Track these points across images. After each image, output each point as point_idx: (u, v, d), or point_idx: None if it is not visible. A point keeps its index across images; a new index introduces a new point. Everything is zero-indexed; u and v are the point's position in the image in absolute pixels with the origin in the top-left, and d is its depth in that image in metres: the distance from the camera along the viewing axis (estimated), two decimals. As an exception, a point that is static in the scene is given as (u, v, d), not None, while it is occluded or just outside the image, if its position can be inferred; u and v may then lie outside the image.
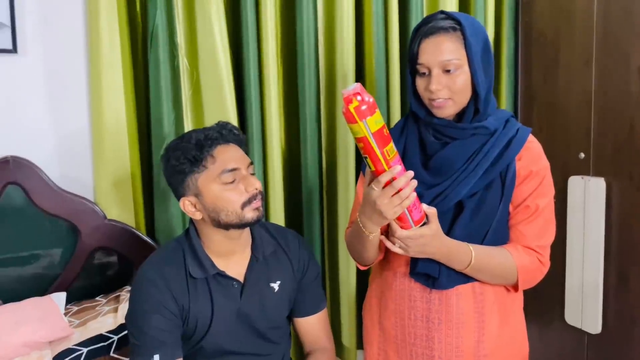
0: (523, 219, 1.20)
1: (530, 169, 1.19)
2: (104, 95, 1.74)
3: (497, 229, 1.20)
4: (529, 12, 2.18)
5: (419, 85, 1.19)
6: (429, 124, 1.22)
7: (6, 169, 1.67)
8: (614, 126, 1.84)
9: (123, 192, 1.80)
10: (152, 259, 1.29)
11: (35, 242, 1.74)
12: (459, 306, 1.21)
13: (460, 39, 1.14)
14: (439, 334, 1.22)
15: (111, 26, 1.72)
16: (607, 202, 1.85)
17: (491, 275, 1.20)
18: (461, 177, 1.18)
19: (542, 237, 1.21)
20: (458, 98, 1.16)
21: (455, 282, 1.21)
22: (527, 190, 1.19)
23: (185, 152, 1.20)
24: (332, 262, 2.10)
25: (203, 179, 1.21)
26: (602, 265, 1.87)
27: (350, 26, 1.98)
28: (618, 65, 1.82)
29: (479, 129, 1.18)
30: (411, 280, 1.25)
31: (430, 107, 1.19)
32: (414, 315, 1.24)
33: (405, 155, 1.25)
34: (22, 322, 1.53)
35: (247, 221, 1.21)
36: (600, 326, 1.90)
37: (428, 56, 1.15)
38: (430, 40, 1.15)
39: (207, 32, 1.81)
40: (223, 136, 1.24)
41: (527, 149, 1.20)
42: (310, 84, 1.96)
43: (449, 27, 1.15)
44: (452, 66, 1.14)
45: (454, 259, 1.16)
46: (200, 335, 1.25)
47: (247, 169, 1.24)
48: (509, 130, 1.20)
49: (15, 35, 1.69)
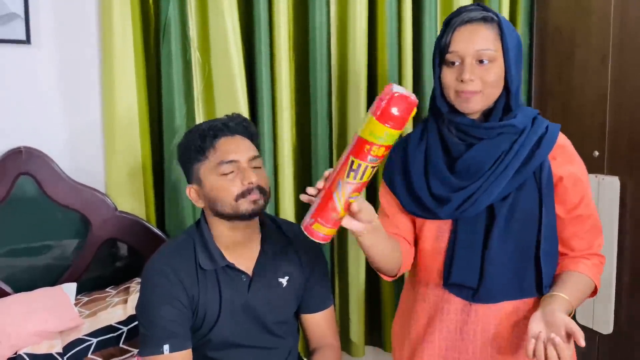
0: (583, 229, 1.16)
1: (569, 171, 1.13)
2: (116, 87, 1.74)
3: (548, 236, 1.13)
4: (545, 8, 2.15)
5: (446, 76, 1.11)
6: (452, 122, 1.14)
7: (19, 160, 1.68)
8: (629, 125, 1.82)
9: (134, 184, 1.81)
10: (162, 250, 1.30)
11: (47, 233, 1.75)
12: (497, 320, 1.14)
13: (497, 31, 1.09)
14: (474, 345, 1.16)
15: (124, 19, 1.73)
16: (621, 201, 1.83)
17: (582, 301, 1.17)
18: (491, 178, 1.10)
19: (597, 238, 1.18)
20: (489, 92, 1.09)
21: (500, 297, 1.13)
22: (575, 197, 1.14)
23: (192, 142, 1.24)
24: (341, 258, 2.10)
25: (204, 169, 1.23)
26: (615, 265, 1.85)
27: (363, 22, 1.97)
28: (635, 62, 1.79)
29: (507, 128, 1.11)
30: (445, 291, 1.17)
31: (456, 100, 1.11)
32: (446, 328, 1.18)
33: (429, 159, 1.18)
34: (33, 311, 1.54)
35: (241, 213, 1.21)
36: (612, 326, 1.88)
37: (462, 44, 1.08)
38: (466, 28, 1.09)
39: (220, 25, 1.81)
40: (229, 128, 1.25)
41: (560, 147, 1.14)
42: (322, 80, 1.95)
43: (486, 17, 1.09)
44: (487, 57, 1.07)
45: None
46: (208, 327, 1.25)
47: (249, 162, 1.24)
48: (537, 127, 1.13)
49: (29, 26, 1.70)
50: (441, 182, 1.15)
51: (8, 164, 1.67)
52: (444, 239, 1.17)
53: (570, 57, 2.03)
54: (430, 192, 1.15)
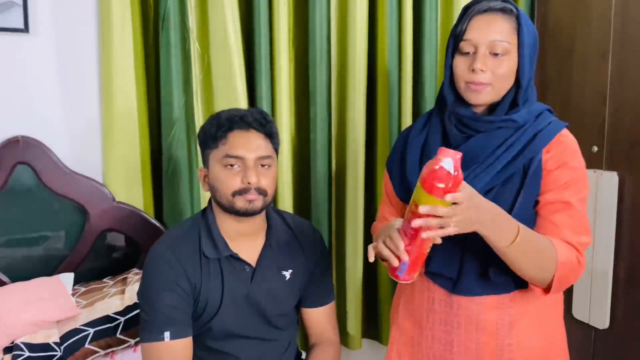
0: (557, 210, 1.07)
1: (561, 161, 1.08)
2: (115, 77, 1.73)
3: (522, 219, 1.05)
4: (545, 3, 2.15)
5: (458, 65, 1.10)
6: (453, 113, 1.14)
7: (16, 149, 1.67)
8: (628, 120, 1.82)
9: (132, 174, 1.81)
10: (167, 236, 1.30)
11: (44, 223, 1.75)
12: (480, 312, 1.13)
13: (514, 23, 1.08)
14: (458, 337, 1.15)
15: (123, 8, 1.72)
16: (619, 196, 1.83)
17: (532, 262, 1.03)
18: (477, 170, 1.09)
19: (580, 235, 1.08)
20: (499, 85, 1.08)
21: (477, 291, 1.12)
22: (558, 180, 1.08)
23: (209, 128, 1.25)
24: (339, 251, 2.10)
25: (213, 156, 1.24)
26: (612, 260, 1.86)
27: (363, 17, 1.97)
28: (636, 58, 1.78)
29: (507, 122, 1.10)
30: (430, 280, 1.17)
31: (465, 91, 1.10)
32: (432, 318, 1.18)
33: (426, 147, 1.18)
34: (31, 301, 1.54)
35: (236, 209, 1.21)
36: (608, 321, 1.88)
37: (478, 33, 1.07)
38: (483, 17, 1.07)
39: (219, 16, 1.80)
40: (245, 121, 1.23)
41: (558, 143, 1.10)
42: (321, 72, 1.94)
43: (506, 8, 1.08)
44: (501, 49, 1.06)
45: (498, 229, 0.98)
46: (209, 316, 1.25)
47: (257, 161, 1.22)
48: (539, 123, 1.11)
49: (27, 14, 1.69)
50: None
51: (5, 153, 1.66)
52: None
53: (570, 52, 2.03)
54: None
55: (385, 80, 2.04)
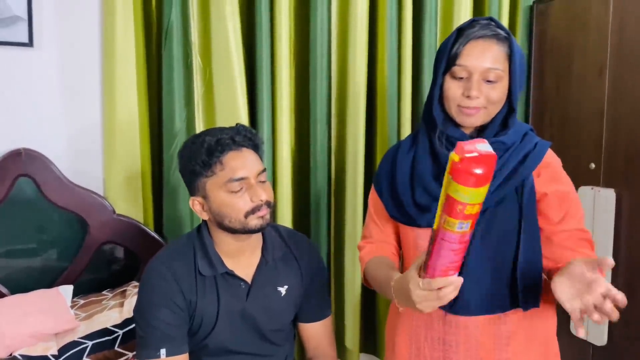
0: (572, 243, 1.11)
1: (554, 188, 1.11)
2: (117, 90, 1.75)
3: (528, 251, 1.10)
4: (543, 21, 2.17)
5: (450, 88, 1.11)
6: (443, 134, 1.14)
7: (18, 161, 1.68)
8: (625, 137, 1.83)
9: (133, 187, 1.82)
10: (162, 253, 1.29)
11: (44, 235, 1.75)
12: (477, 328, 1.14)
13: (507, 49, 1.09)
14: (457, 355, 1.16)
15: (126, 22, 1.74)
16: (616, 213, 1.84)
17: None
18: None
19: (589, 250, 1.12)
20: (491, 108, 1.10)
21: (476, 311, 1.12)
22: (560, 213, 1.11)
23: (197, 155, 1.20)
24: (337, 265, 2.10)
25: (210, 184, 1.20)
26: (609, 276, 1.86)
27: (363, 30, 1.99)
28: (632, 75, 1.80)
29: (496, 144, 1.10)
30: None
31: (457, 113, 1.12)
32: (430, 337, 1.18)
33: (416, 166, 1.18)
34: (29, 313, 1.54)
35: (250, 229, 1.20)
36: (606, 338, 1.88)
37: (473, 60, 1.08)
38: (479, 43, 1.08)
39: (221, 31, 1.82)
40: (236, 142, 1.21)
41: (546, 166, 1.13)
42: (322, 86, 1.96)
43: (501, 36, 1.09)
44: (494, 76, 1.08)
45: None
46: (205, 333, 1.25)
47: (257, 177, 1.22)
48: (526, 144, 1.13)
49: (32, 29, 1.71)
50: (424, 190, 1.15)
51: (7, 165, 1.68)
52: (423, 248, 1.16)
53: (567, 69, 2.05)
54: (414, 200, 1.16)
55: (384, 94, 2.05)
